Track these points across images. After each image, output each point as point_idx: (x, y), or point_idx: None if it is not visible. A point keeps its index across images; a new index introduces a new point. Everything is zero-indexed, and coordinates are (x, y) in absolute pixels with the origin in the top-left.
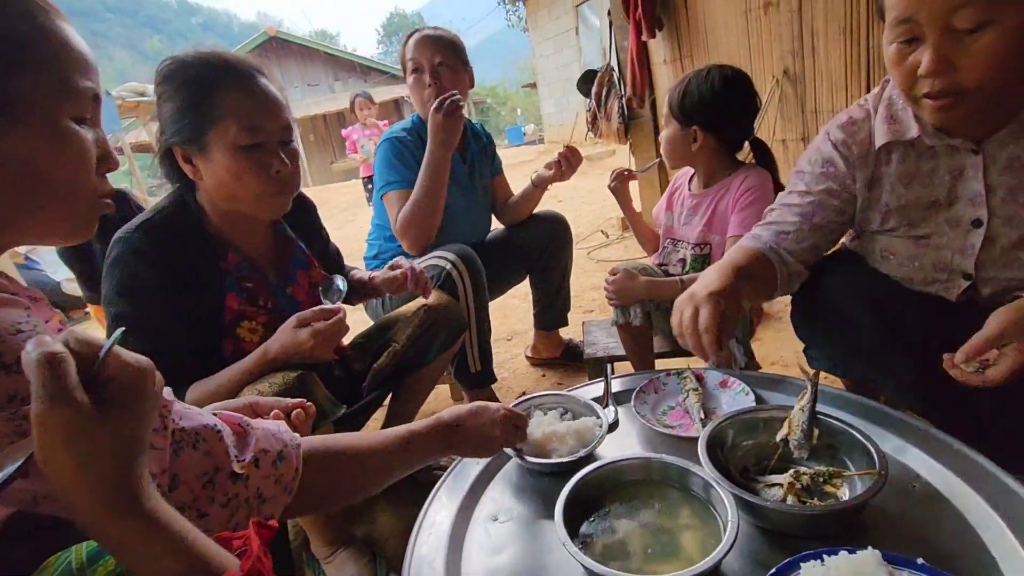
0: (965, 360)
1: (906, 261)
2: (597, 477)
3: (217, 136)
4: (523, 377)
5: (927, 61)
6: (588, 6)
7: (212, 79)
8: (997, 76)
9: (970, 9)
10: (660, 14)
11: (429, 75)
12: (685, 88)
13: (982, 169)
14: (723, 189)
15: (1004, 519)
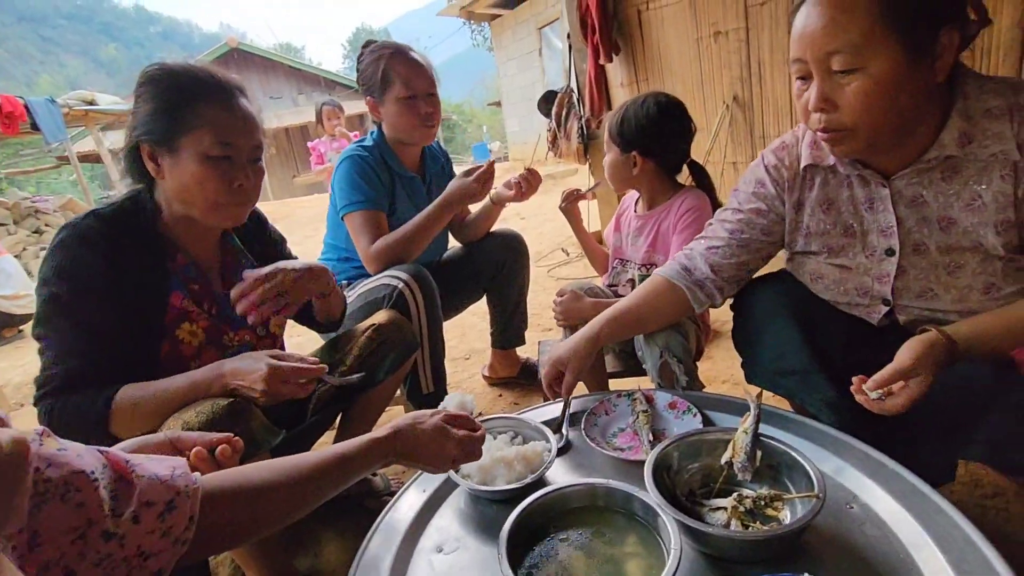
0: (875, 388)
1: (832, 285)
2: (542, 505)
3: (190, 142)
4: (480, 397)
5: (813, 98)
6: (551, 28)
7: (196, 89)
8: (869, 116)
9: (841, 56)
10: (617, 39)
11: (424, 103)
12: (623, 115)
13: (891, 202)
14: (665, 211)
15: (933, 539)
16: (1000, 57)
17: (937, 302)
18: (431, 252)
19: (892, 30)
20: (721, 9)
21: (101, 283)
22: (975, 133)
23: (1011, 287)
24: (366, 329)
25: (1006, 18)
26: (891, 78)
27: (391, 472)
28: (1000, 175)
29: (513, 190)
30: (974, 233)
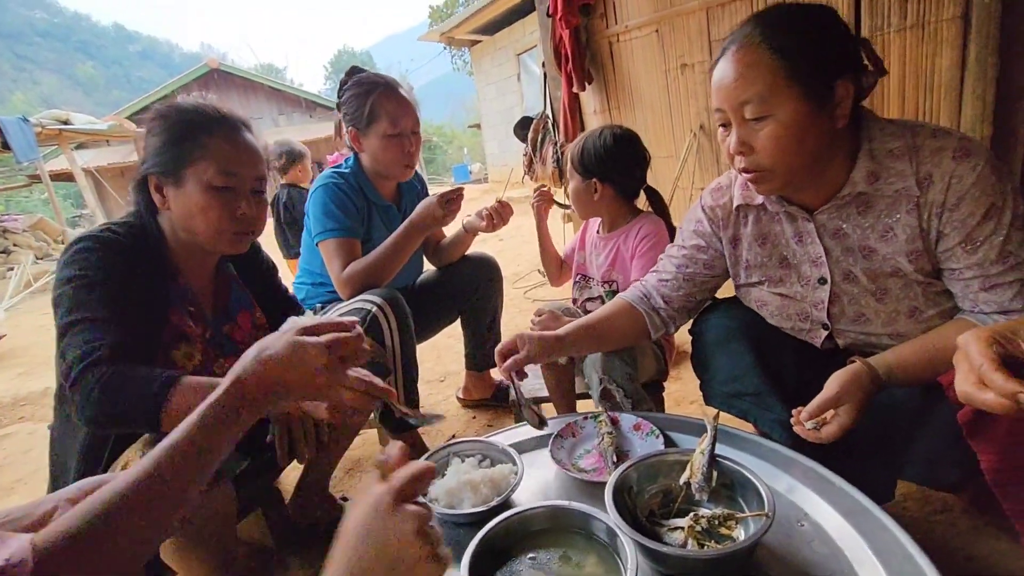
0: (809, 419)
1: (776, 311)
2: (505, 528)
3: (194, 173)
4: (454, 419)
5: (732, 143)
6: (529, 55)
7: (201, 123)
8: (782, 157)
9: (751, 105)
10: (590, 68)
11: (408, 141)
12: (583, 146)
13: (816, 235)
14: (624, 234)
15: (876, 554)
16: (942, 96)
17: (870, 326)
18: (406, 276)
19: (793, 82)
20: (687, 43)
21: (120, 278)
22: (881, 171)
23: (932, 310)
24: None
25: (946, 58)
26: (797, 123)
27: None
28: (906, 209)
29: (484, 221)
30: (892, 260)
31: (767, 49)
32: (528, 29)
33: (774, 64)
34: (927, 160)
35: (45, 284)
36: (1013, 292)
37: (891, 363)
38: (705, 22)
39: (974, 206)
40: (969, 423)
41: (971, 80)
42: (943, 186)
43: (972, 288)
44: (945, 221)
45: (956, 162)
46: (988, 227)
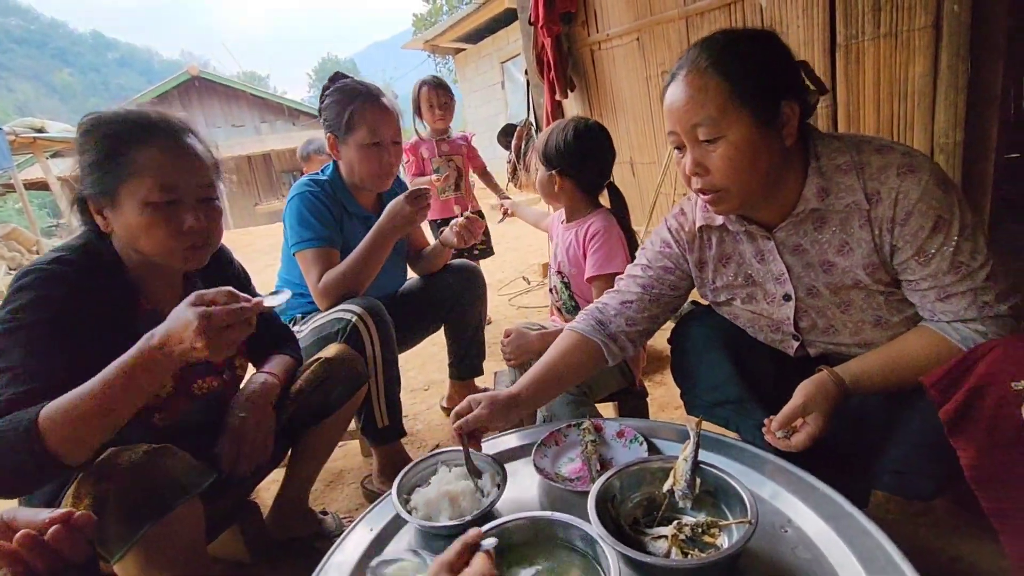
0: (779, 428)
1: (748, 324)
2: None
3: (129, 191)
4: (438, 428)
5: (688, 164)
6: (513, 63)
7: (130, 136)
8: (736, 176)
9: (704, 127)
10: (572, 76)
11: (387, 152)
12: (548, 137)
13: (777, 252)
14: (578, 227)
15: (859, 559)
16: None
17: (838, 336)
18: (389, 284)
19: (741, 104)
20: (667, 51)
21: (65, 321)
22: (831, 187)
23: (897, 317)
24: (312, 363)
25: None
26: (748, 143)
27: (343, 511)
28: (858, 224)
29: (455, 238)
30: (851, 275)
31: (715, 73)
32: (512, 37)
33: (722, 87)
34: (873, 177)
35: None
36: (967, 302)
37: (856, 372)
38: (685, 30)
39: (922, 220)
40: (951, 421)
41: (943, 87)
42: (890, 202)
43: (929, 299)
44: (897, 235)
45: (901, 178)
46: (938, 239)
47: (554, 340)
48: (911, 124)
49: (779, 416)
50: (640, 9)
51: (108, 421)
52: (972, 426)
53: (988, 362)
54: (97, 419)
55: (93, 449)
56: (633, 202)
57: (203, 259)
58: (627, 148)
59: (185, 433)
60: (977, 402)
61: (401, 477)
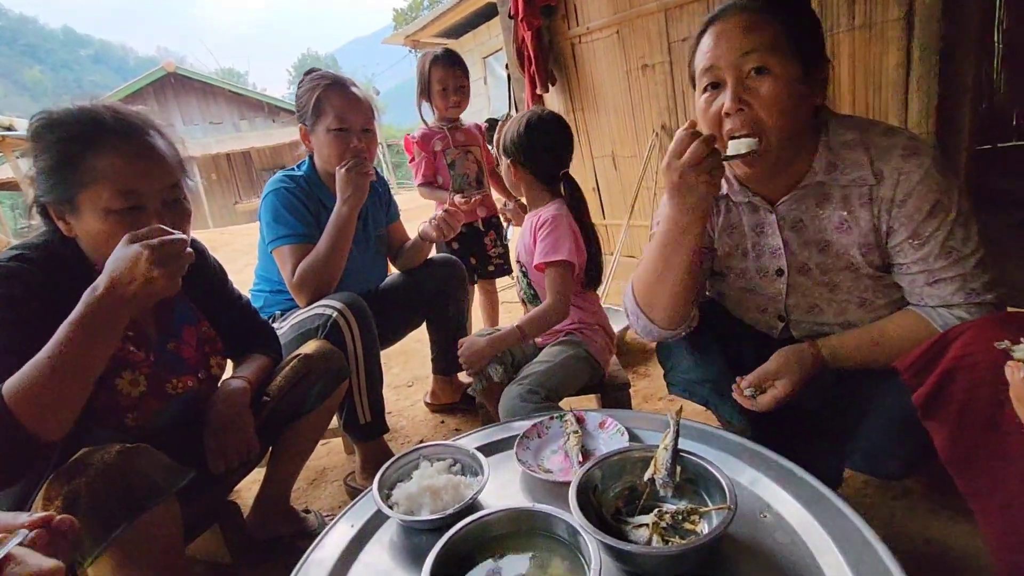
0: (748, 386)
1: (735, 305)
2: (468, 532)
3: (88, 199)
4: (421, 424)
5: (728, 99)
6: (495, 58)
7: (85, 139)
8: (779, 116)
9: (756, 54)
10: (553, 70)
11: (356, 139)
12: (507, 129)
13: (777, 226)
14: (534, 216)
15: (835, 542)
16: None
17: (822, 316)
18: (369, 279)
19: (791, 46)
20: (647, 44)
21: (25, 321)
22: (838, 161)
23: (882, 300)
24: (292, 359)
25: (893, 57)
26: (793, 87)
27: (325, 509)
28: (860, 202)
29: (435, 232)
30: (845, 254)
31: (768, 13)
32: (493, 32)
33: (775, 26)
34: (878, 157)
35: None
36: (955, 287)
37: (835, 346)
38: (664, 23)
39: (921, 202)
40: (924, 403)
41: (916, 78)
42: (892, 182)
43: (918, 283)
44: (894, 216)
45: (904, 160)
46: (934, 223)
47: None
48: (885, 114)
49: (750, 375)
50: (619, 2)
51: (74, 384)
52: (945, 408)
53: (960, 344)
54: (60, 382)
55: (67, 420)
56: (615, 195)
57: None
58: (608, 142)
59: (160, 433)
60: (949, 384)
61: (382, 472)
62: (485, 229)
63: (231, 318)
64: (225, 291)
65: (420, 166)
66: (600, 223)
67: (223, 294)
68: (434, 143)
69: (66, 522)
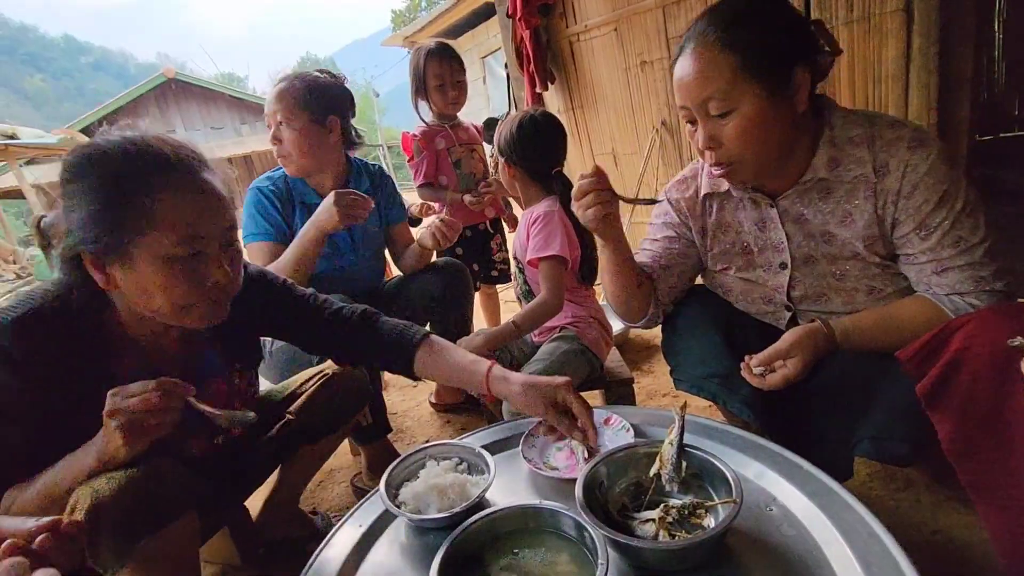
0: (758, 365)
1: (740, 296)
2: (475, 531)
3: (145, 247)
4: (427, 424)
5: (701, 139)
6: (493, 58)
7: (142, 179)
8: (749, 148)
9: (715, 101)
10: (552, 68)
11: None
12: (501, 129)
13: (779, 220)
14: (528, 213)
15: (842, 534)
16: (889, 86)
17: (830, 305)
18: (366, 280)
19: (750, 75)
20: (645, 41)
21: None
22: (841, 158)
23: (891, 288)
24: (316, 377)
25: (892, 49)
26: (760, 114)
27: (333, 510)
28: (864, 195)
29: (430, 241)
30: (849, 247)
31: (723, 46)
32: (492, 32)
33: (731, 60)
34: (884, 149)
35: None
36: (964, 276)
37: (847, 326)
38: (662, 19)
39: (928, 194)
40: (927, 395)
41: (915, 70)
42: (899, 174)
43: (926, 272)
44: (900, 208)
45: (911, 151)
46: (941, 214)
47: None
48: (885, 106)
49: (762, 353)
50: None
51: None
52: (948, 400)
53: (962, 336)
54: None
55: None
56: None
57: (224, 314)
58: (608, 139)
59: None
60: (953, 376)
61: (389, 472)
62: (492, 232)
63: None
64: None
65: (421, 166)
66: None
67: (298, 308)
68: (437, 141)
69: (73, 526)
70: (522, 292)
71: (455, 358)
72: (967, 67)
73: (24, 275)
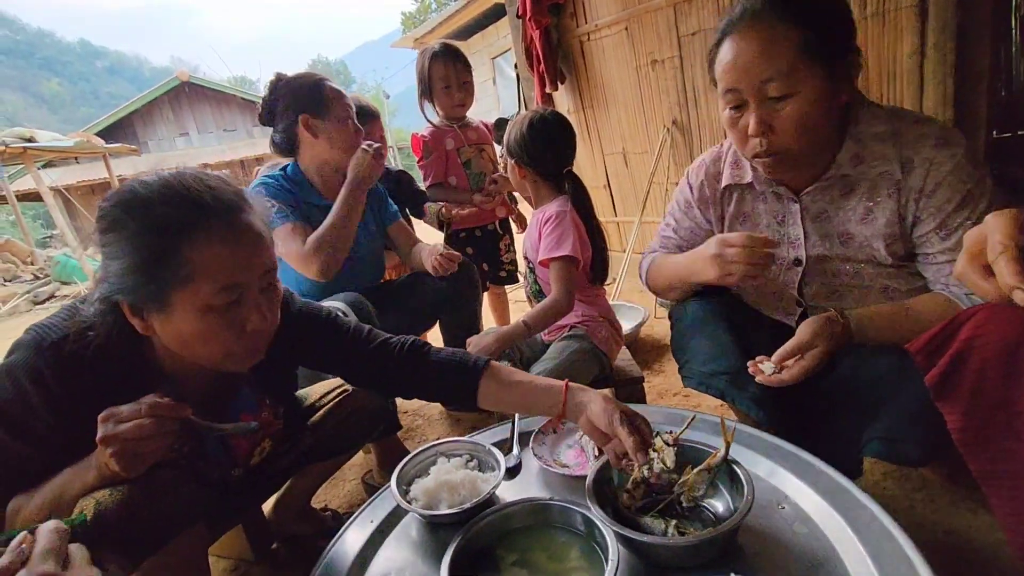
0: (779, 362)
1: (752, 291)
2: (486, 526)
3: (185, 298)
4: (437, 423)
5: (752, 124)
6: (503, 58)
7: (179, 227)
8: (805, 136)
9: (775, 83)
10: (562, 68)
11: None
12: (510, 130)
13: (800, 216)
14: (540, 213)
15: (855, 531)
16: (904, 82)
17: (843, 303)
18: (368, 275)
19: (814, 57)
20: (656, 39)
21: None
22: (865, 154)
23: (905, 287)
24: (334, 391)
25: (907, 45)
26: (819, 100)
27: (344, 507)
28: (887, 193)
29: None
30: (868, 245)
31: (785, 22)
32: (501, 33)
33: (795, 38)
34: (908, 146)
35: (14, 307)
36: None
37: (863, 317)
38: (673, 18)
39: (951, 192)
40: (936, 385)
41: (931, 66)
42: (923, 172)
43: (944, 272)
44: (922, 206)
45: (936, 149)
46: (963, 214)
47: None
48: (900, 103)
49: (782, 349)
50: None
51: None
52: (957, 390)
53: (972, 326)
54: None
55: None
56: (626, 192)
57: (261, 356)
58: (619, 138)
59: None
60: (961, 366)
61: (400, 469)
62: (501, 232)
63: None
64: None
65: (431, 167)
66: (611, 220)
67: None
68: (446, 141)
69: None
70: (532, 291)
71: (526, 381)
72: (984, 63)
73: (41, 276)
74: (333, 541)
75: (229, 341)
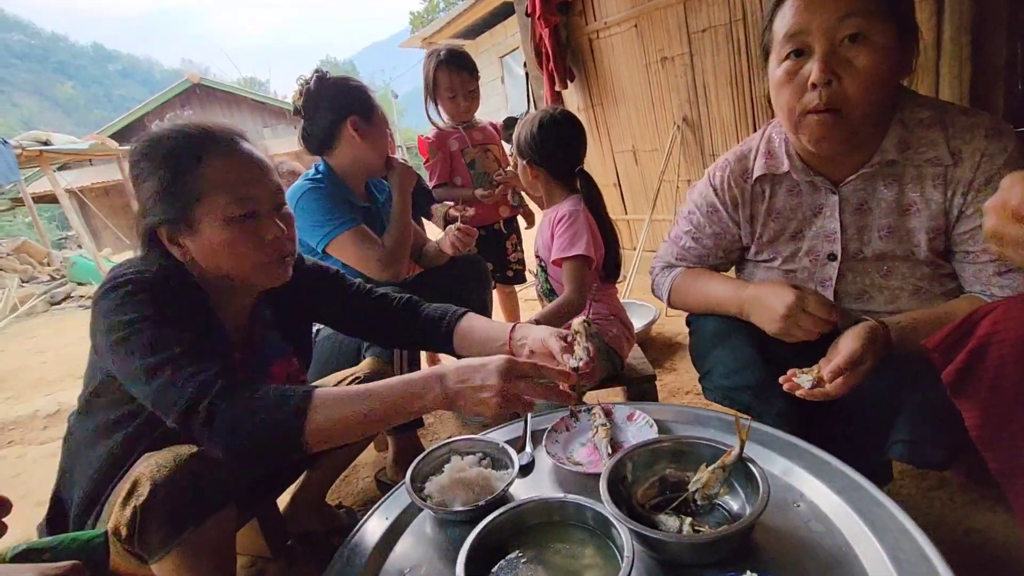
0: (832, 378)
1: None
2: (501, 523)
3: (205, 211)
4: (450, 421)
5: (817, 70)
6: (512, 57)
7: (192, 150)
8: (868, 94)
9: (855, 19)
10: (571, 66)
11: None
12: (520, 130)
13: (838, 208)
14: (552, 212)
15: (872, 530)
16: (920, 76)
17: (872, 303)
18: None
19: (890, 8)
20: (666, 36)
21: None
22: (911, 140)
23: (938, 289)
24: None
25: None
26: (889, 57)
27: (357, 504)
28: (932, 183)
29: (450, 248)
30: (908, 240)
31: None
32: (510, 31)
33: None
34: (957, 135)
35: (31, 308)
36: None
37: (904, 325)
38: (683, 15)
39: None
40: (953, 382)
41: (947, 60)
42: (972, 164)
43: (986, 272)
44: (970, 201)
45: (988, 140)
46: None
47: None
48: None
49: (834, 364)
50: None
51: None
52: (975, 386)
53: (989, 322)
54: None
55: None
56: (636, 190)
57: (288, 272)
58: (629, 136)
59: None
60: (979, 362)
61: (414, 466)
62: (507, 232)
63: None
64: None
65: (436, 167)
66: (622, 218)
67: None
68: (450, 142)
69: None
70: (543, 290)
71: (487, 327)
72: (1000, 56)
73: (58, 276)
74: (349, 537)
75: (255, 252)
